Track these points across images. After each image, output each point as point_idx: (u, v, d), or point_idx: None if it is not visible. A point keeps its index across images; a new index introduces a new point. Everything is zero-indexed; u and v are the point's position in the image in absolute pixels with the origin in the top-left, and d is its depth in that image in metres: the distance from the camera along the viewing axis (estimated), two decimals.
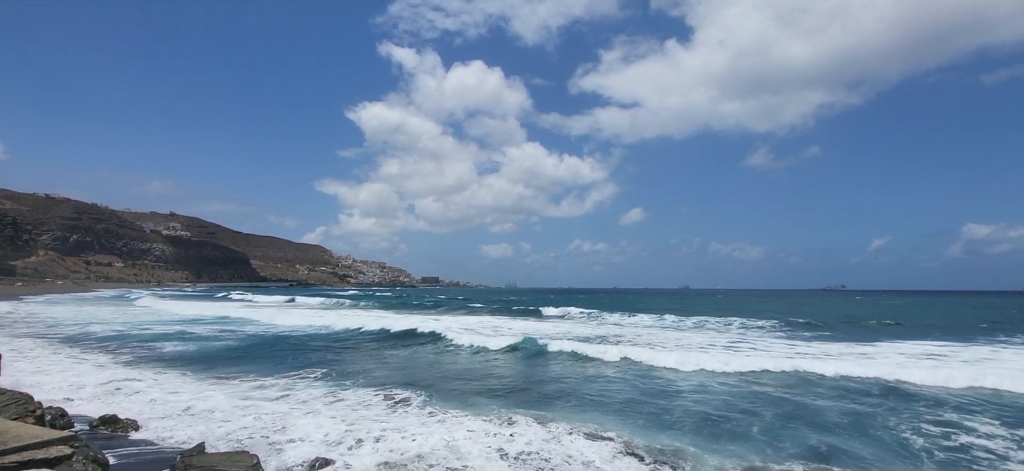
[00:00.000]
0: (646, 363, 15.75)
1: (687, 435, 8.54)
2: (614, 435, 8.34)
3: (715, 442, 8.15)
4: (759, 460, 7.40)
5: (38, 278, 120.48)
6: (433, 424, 8.89)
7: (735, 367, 14.77)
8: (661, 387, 12.53)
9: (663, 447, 7.85)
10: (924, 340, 21.84)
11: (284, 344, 20.79)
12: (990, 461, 7.44)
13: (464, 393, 11.77)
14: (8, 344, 18.21)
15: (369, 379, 13.23)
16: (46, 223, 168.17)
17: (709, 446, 7.93)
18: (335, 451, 7.41)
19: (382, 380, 13.13)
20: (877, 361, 15.78)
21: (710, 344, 20.45)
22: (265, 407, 9.93)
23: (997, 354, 17.68)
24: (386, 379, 13.29)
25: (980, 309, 53.05)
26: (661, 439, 8.25)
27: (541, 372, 14.74)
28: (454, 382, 13.24)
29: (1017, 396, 11.24)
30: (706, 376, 13.92)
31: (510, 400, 11.05)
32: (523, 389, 12.34)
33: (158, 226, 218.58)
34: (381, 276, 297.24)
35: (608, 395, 11.64)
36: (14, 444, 4.53)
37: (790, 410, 10.09)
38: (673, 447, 7.86)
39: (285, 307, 48.24)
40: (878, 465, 7.35)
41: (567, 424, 8.92)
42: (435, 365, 16.18)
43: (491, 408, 10.16)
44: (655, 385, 12.77)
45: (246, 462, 6.26)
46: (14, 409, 6.69)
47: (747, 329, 26.21)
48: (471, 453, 7.39)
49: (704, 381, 13.24)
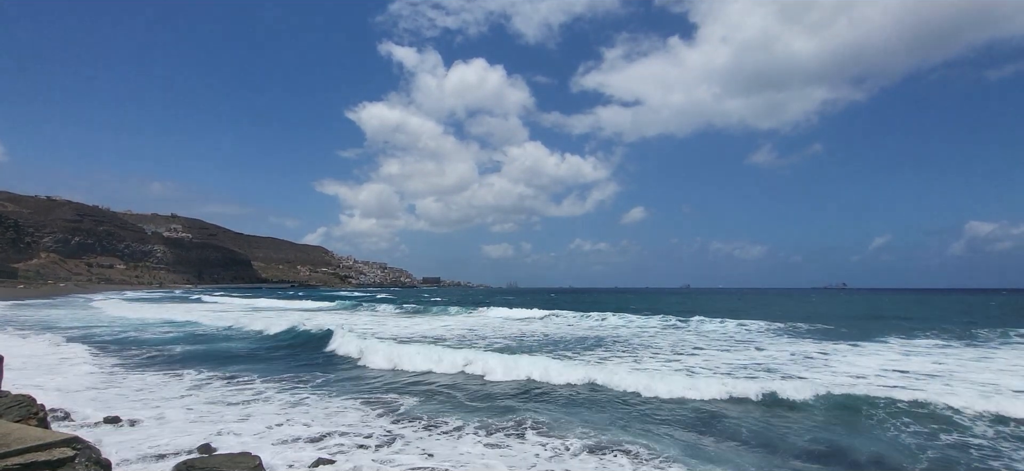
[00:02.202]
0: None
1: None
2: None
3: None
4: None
5: (40, 280, 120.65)
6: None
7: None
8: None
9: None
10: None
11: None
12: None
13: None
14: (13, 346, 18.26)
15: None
16: (48, 225, 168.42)
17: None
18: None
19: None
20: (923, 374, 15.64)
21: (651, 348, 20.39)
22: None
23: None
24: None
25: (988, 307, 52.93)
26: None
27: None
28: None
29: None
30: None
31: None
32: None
33: (159, 228, 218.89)
34: (382, 277, 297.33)
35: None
36: (17, 446, 4.54)
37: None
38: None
39: (248, 311, 46.46)
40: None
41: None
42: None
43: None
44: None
45: (248, 464, 6.28)
46: (16, 411, 6.71)
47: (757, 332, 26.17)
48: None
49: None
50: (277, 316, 34.57)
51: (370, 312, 43.78)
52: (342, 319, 34.41)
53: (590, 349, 18.97)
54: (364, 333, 23.10)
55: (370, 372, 14.79)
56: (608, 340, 21.99)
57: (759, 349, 18.66)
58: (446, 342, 21.27)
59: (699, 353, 17.71)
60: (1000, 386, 11.85)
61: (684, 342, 20.99)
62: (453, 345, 19.96)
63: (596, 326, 29.37)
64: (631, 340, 21.89)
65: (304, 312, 43.14)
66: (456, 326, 29.62)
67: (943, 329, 25.12)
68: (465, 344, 20.61)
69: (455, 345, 19.94)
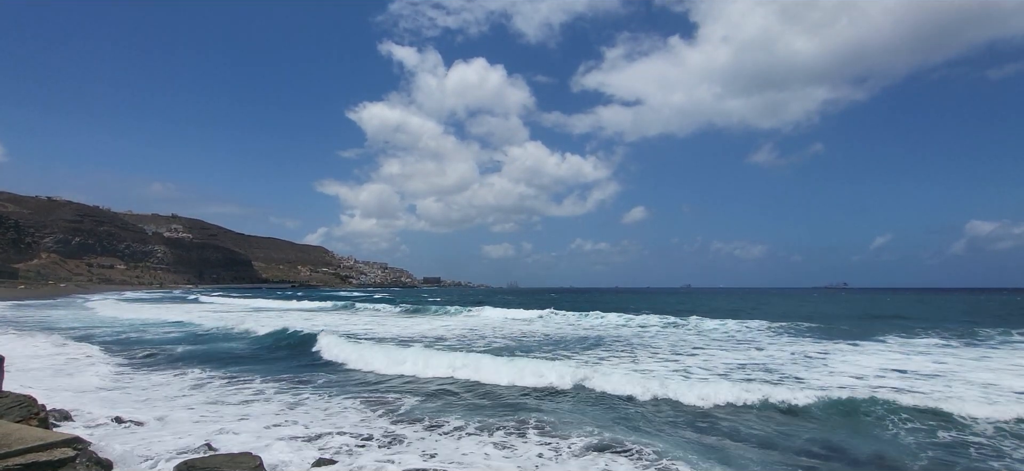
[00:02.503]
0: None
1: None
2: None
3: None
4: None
5: (41, 281, 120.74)
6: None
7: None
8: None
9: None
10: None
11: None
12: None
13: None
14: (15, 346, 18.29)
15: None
16: (48, 226, 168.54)
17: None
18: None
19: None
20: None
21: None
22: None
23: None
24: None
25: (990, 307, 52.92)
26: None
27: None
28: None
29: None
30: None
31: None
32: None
33: (160, 228, 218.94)
34: (382, 277, 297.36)
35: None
36: (18, 447, 4.56)
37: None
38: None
39: (250, 312, 47.08)
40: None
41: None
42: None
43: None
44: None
45: (249, 464, 6.28)
46: (17, 412, 6.73)
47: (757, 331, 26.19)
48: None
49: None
50: (275, 317, 34.66)
51: (369, 313, 43.79)
52: (340, 320, 34.47)
53: (590, 348, 18.99)
54: (355, 334, 23.07)
55: (357, 375, 14.48)
56: (608, 339, 22.00)
57: (759, 349, 18.67)
58: (445, 342, 21.28)
59: (699, 353, 17.72)
60: (1001, 386, 11.86)
61: (684, 342, 21.01)
62: (453, 346, 19.97)
63: (596, 325, 29.41)
64: (631, 340, 21.90)
65: (303, 312, 43.24)
66: (456, 326, 29.64)
67: (944, 329, 25.11)
68: (465, 344, 20.61)
69: (454, 346, 19.94)
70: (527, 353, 17.38)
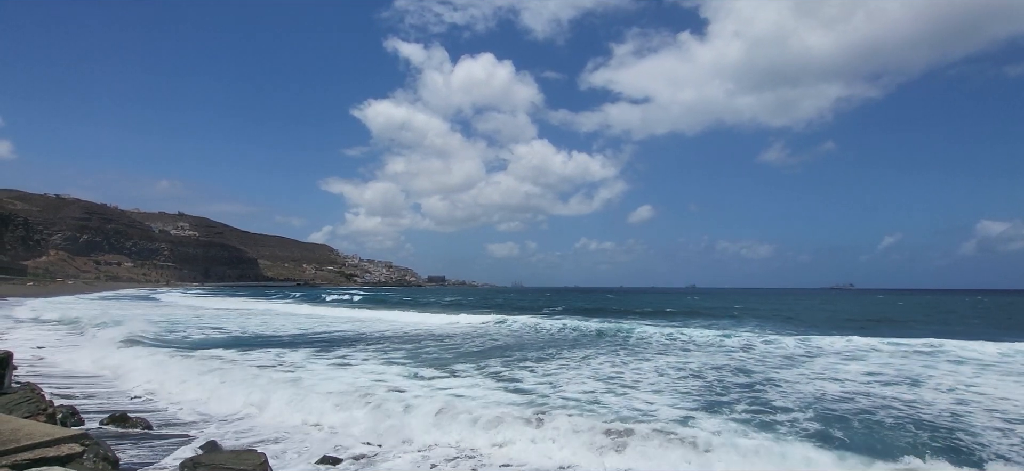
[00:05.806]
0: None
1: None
2: None
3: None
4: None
5: (49, 278, 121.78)
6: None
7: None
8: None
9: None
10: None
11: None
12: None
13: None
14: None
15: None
16: (56, 223, 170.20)
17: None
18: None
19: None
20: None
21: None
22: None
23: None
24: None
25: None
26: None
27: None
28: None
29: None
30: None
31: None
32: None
33: (166, 226, 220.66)
34: (387, 276, 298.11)
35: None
36: (26, 442, 4.65)
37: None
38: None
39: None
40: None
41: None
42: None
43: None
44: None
45: (254, 460, 6.38)
46: (26, 407, 6.85)
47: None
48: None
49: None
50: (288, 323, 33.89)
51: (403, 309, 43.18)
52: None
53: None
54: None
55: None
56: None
57: (747, 351, 18.64)
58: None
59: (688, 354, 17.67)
60: (1001, 386, 11.81)
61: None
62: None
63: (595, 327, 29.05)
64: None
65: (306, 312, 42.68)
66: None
67: (944, 328, 24.94)
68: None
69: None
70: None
